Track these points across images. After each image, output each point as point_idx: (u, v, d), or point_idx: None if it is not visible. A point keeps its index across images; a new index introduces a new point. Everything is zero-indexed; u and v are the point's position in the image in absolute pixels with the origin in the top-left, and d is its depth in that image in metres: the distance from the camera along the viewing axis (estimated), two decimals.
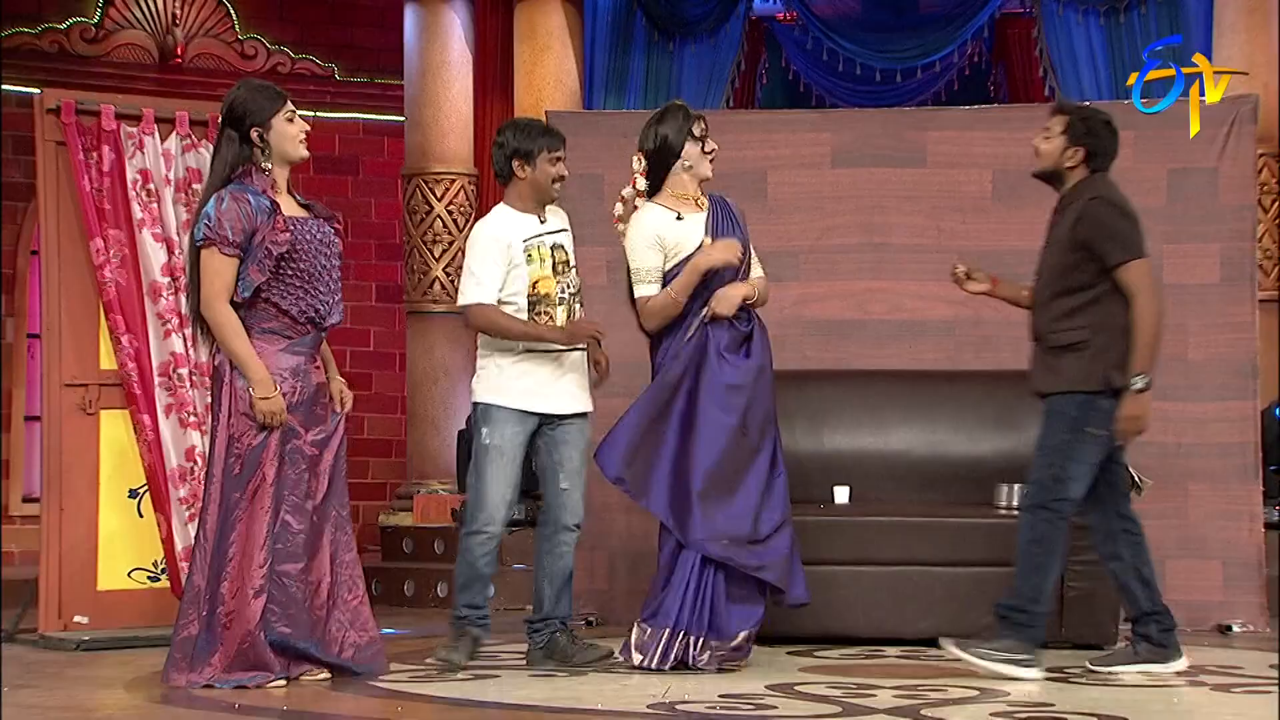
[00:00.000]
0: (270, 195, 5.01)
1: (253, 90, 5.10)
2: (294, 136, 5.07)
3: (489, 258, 5.33)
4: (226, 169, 5.03)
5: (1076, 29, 8.90)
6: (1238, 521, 6.87)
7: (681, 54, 9.37)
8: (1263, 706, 4.75)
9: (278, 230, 4.98)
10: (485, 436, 5.32)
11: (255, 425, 4.96)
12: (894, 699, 4.77)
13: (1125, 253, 5.21)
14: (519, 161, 5.38)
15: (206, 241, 4.97)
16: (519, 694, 4.89)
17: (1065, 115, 5.39)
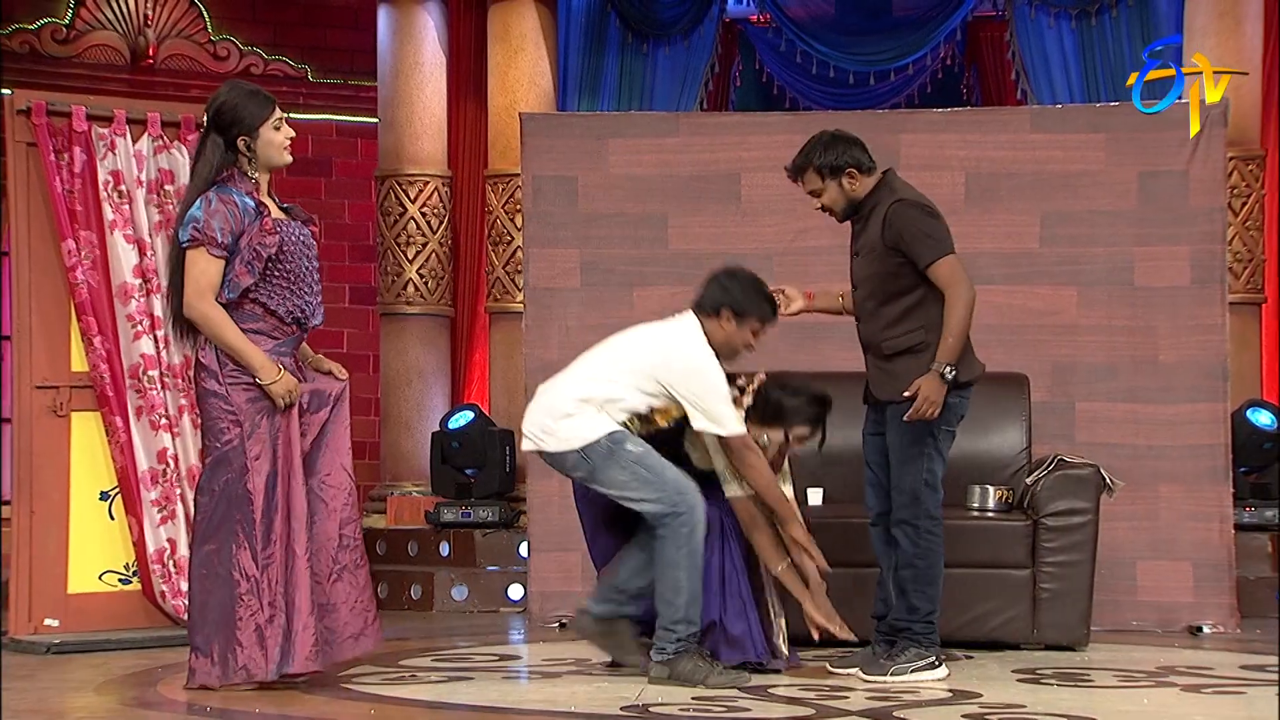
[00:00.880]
0: (256, 197, 5.02)
1: (242, 95, 5.10)
2: (280, 144, 5.08)
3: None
4: (211, 172, 5.02)
5: (1048, 32, 8.93)
6: (1208, 523, 6.90)
7: (655, 56, 9.37)
8: (1232, 707, 4.78)
9: (265, 232, 4.98)
10: (630, 446, 5.11)
11: (250, 424, 4.94)
12: (867, 701, 4.78)
13: (935, 252, 5.19)
14: (731, 312, 5.21)
15: (193, 242, 4.96)
16: (491, 696, 4.89)
17: (809, 168, 5.34)
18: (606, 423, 5.09)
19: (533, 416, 5.21)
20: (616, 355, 5.21)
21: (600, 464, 5.06)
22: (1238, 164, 8.16)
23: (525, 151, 7.30)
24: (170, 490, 6.45)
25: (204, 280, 4.95)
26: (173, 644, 6.13)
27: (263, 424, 4.98)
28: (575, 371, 5.24)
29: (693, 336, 5.18)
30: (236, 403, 4.96)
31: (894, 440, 5.29)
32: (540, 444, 5.16)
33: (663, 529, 5.04)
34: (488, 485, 8.31)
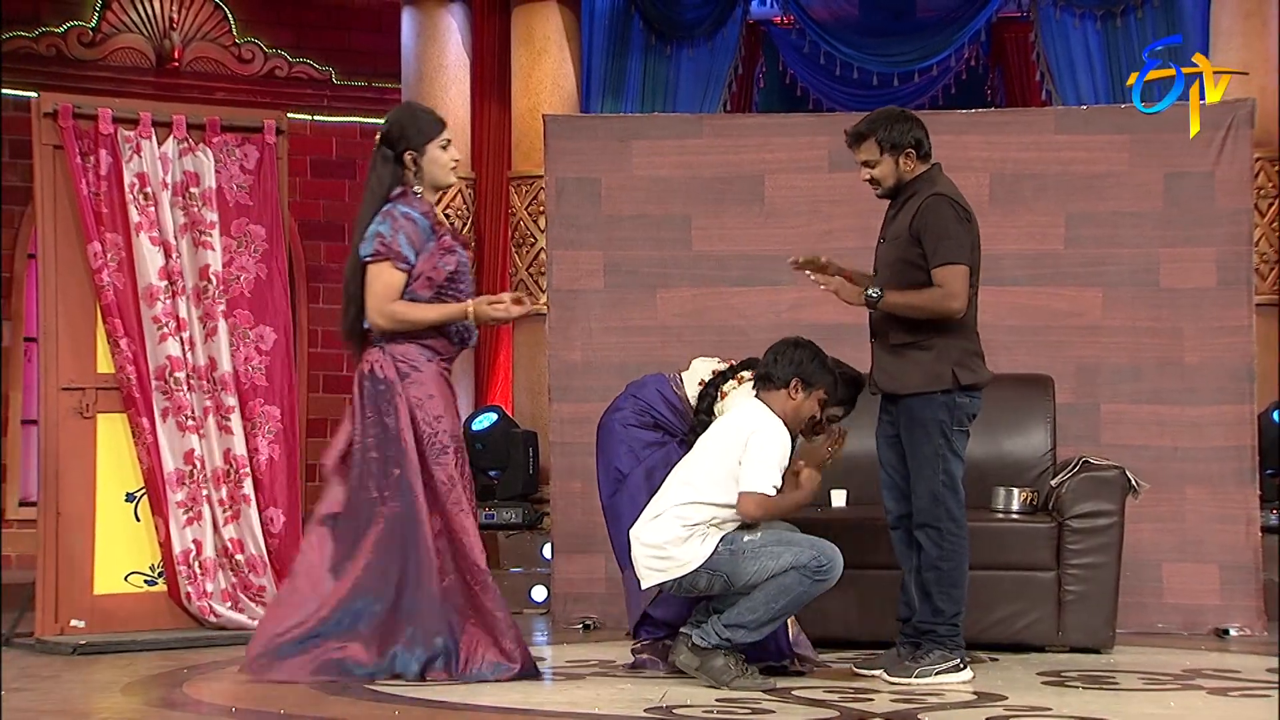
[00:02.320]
0: (431, 217, 5.17)
1: (414, 114, 5.28)
2: (446, 163, 5.22)
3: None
4: (384, 189, 5.17)
5: (1074, 33, 8.91)
6: (1234, 525, 6.87)
7: (679, 58, 9.37)
8: (1259, 710, 4.75)
9: (444, 250, 5.15)
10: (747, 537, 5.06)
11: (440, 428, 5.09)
12: (891, 704, 4.77)
13: (947, 256, 5.18)
14: (800, 383, 5.16)
15: (377, 256, 5.10)
16: (514, 698, 4.89)
17: (870, 137, 5.32)
18: (716, 535, 5.07)
19: (643, 551, 5.13)
20: (709, 465, 5.12)
21: (731, 569, 5.02)
22: (1264, 165, 8.13)
23: (549, 153, 7.31)
24: (196, 491, 6.48)
25: (387, 292, 5.09)
26: (198, 645, 6.16)
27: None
28: (674, 492, 5.14)
29: (764, 414, 5.13)
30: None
31: (907, 443, 5.29)
32: (664, 574, 5.08)
33: (798, 570, 5.00)
34: (511, 487, 8.33)
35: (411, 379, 5.12)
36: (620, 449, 5.56)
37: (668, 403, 5.57)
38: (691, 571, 5.04)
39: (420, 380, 5.13)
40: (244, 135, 6.76)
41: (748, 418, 5.13)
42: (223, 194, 6.69)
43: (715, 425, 5.24)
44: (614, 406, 5.68)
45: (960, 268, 5.20)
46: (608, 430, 5.64)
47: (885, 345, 5.33)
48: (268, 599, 6.54)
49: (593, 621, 6.95)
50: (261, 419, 6.65)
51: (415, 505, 5.10)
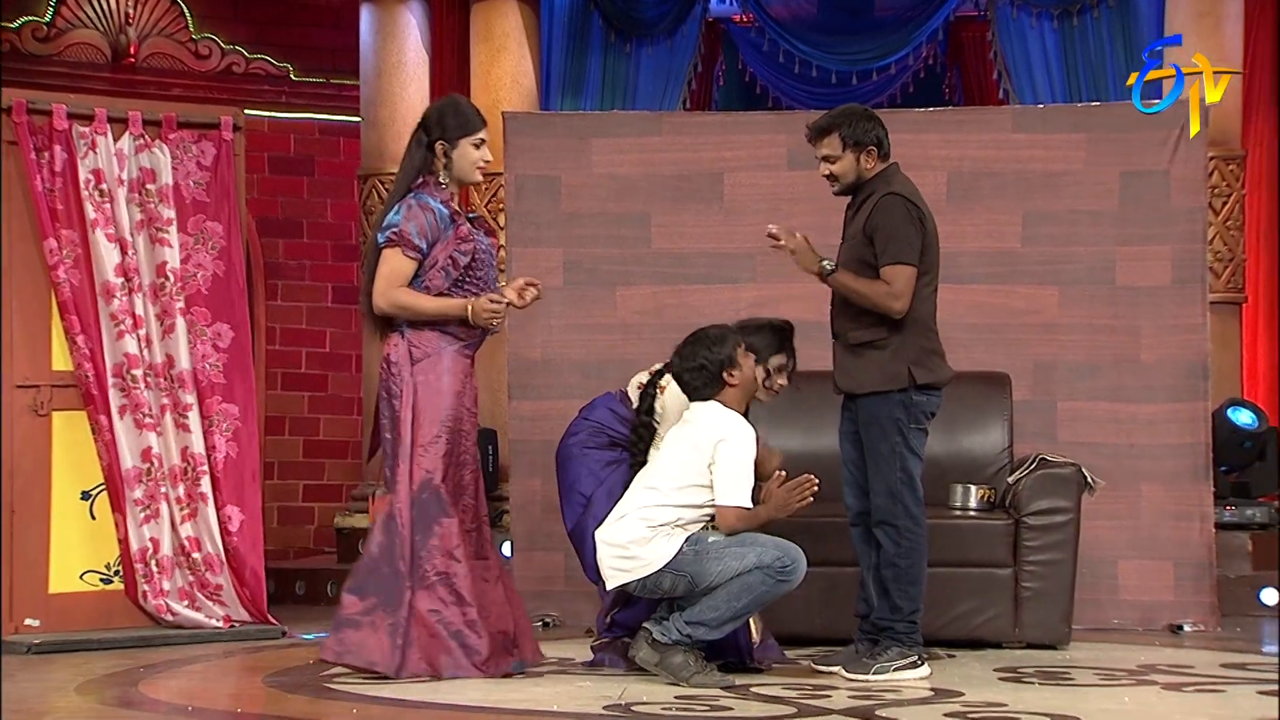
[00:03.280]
0: (450, 206, 5.22)
1: (456, 107, 5.34)
2: (474, 161, 5.28)
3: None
4: (413, 172, 5.24)
5: (1030, 32, 8.95)
6: (1189, 522, 6.92)
7: (638, 55, 9.37)
8: (1213, 705, 4.80)
9: (461, 240, 5.19)
10: (712, 538, 5.07)
11: (438, 417, 5.13)
12: (849, 700, 4.79)
13: (895, 256, 5.20)
14: (726, 367, 5.17)
15: (390, 243, 5.16)
16: (473, 696, 4.88)
17: (834, 132, 5.33)
18: (679, 537, 5.08)
19: (608, 552, 5.13)
20: (673, 469, 5.13)
21: (695, 570, 5.03)
22: (1218, 164, 8.18)
23: (508, 151, 7.30)
24: (154, 489, 6.44)
25: (394, 277, 5.16)
26: (154, 644, 6.13)
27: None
28: (638, 496, 5.16)
29: (725, 417, 5.14)
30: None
31: (866, 441, 5.32)
32: (628, 574, 5.09)
33: (760, 570, 5.01)
34: None
35: (423, 365, 5.17)
36: (580, 472, 5.57)
37: (620, 418, 5.59)
38: (656, 571, 5.05)
39: (432, 367, 5.17)
40: (201, 131, 6.73)
41: (713, 423, 5.13)
42: (179, 191, 6.65)
43: (676, 430, 5.24)
44: (569, 432, 5.70)
45: (907, 268, 5.23)
46: (566, 456, 5.66)
47: (844, 344, 5.36)
48: (224, 597, 6.51)
49: (552, 619, 6.95)
50: (219, 417, 6.62)
51: (394, 490, 5.14)
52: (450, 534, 5.13)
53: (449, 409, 5.18)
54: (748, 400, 5.23)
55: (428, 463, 5.13)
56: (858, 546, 5.45)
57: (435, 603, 5.09)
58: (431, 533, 5.11)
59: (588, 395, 5.89)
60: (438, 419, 5.15)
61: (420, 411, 5.15)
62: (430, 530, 5.11)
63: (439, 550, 5.11)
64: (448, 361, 5.19)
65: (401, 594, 5.07)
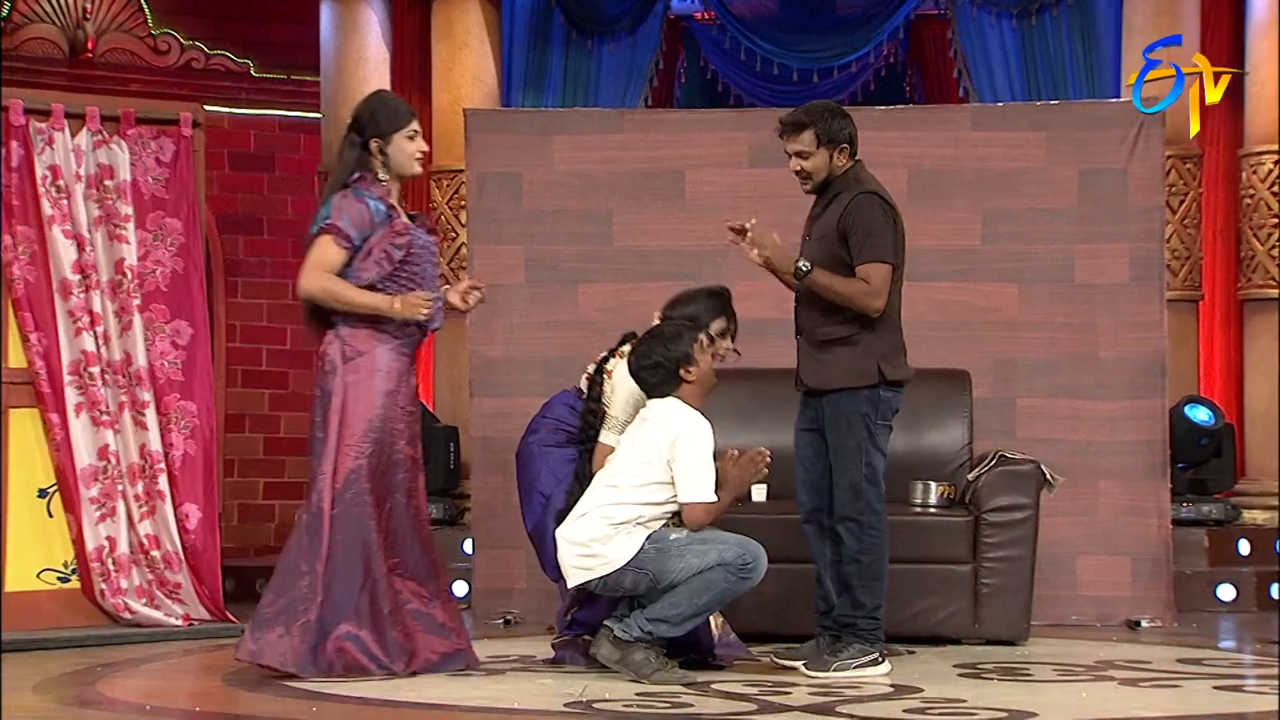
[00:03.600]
0: (387, 201, 5.19)
1: (383, 103, 5.33)
2: (411, 153, 5.25)
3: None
4: (346, 172, 5.21)
5: (990, 31, 8.99)
6: (1146, 518, 6.97)
7: (600, 53, 9.36)
8: (1169, 700, 4.83)
9: (397, 234, 5.16)
10: (674, 535, 5.07)
11: (365, 419, 5.09)
12: (810, 696, 4.80)
13: (873, 255, 5.22)
14: (682, 364, 5.17)
15: (322, 232, 5.15)
16: (434, 693, 4.88)
17: (809, 128, 5.31)
18: (640, 535, 5.08)
19: (569, 550, 5.13)
20: (632, 467, 5.13)
21: (657, 568, 5.03)
22: (1175, 163, 8.24)
23: (469, 148, 7.29)
24: (111, 487, 6.41)
25: (322, 262, 5.14)
26: (112, 642, 6.09)
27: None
28: (599, 493, 5.16)
29: (683, 414, 5.14)
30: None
31: (831, 437, 5.33)
32: (590, 572, 5.09)
33: (722, 567, 5.02)
34: (432, 482, 8.23)
35: (354, 364, 5.14)
36: (541, 472, 5.57)
37: (579, 414, 5.58)
38: (618, 569, 5.05)
39: (364, 366, 5.14)
40: (159, 128, 6.69)
41: (670, 421, 5.14)
42: (138, 187, 6.61)
43: (635, 428, 5.25)
44: (529, 429, 5.70)
45: (884, 266, 5.24)
46: (527, 455, 5.65)
47: (811, 341, 5.36)
48: (184, 595, 6.48)
49: (513, 616, 6.94)
50: (177, 414, 6.59)
51: (316, 488, 5.09)
52: (371, 538, 5.09)
53: (379, 409, 5.13)
54: (705, 396, 5.23)
55: (352, 463, 5.09)
56: (811, 544, 5.47)
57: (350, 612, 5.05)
58: (352, 535, 5.08)
59: (549, 393, 5.89)
60: (366, 419, 5.11)
61: (349, 411, 5.11)
62: (351, 533, 5.08)
63: (358, 554, 5.07)
64: (380, 361, 5.15)
65: (315, 595, 5.03)
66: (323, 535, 5.07)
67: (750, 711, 4.57)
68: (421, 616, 5.21)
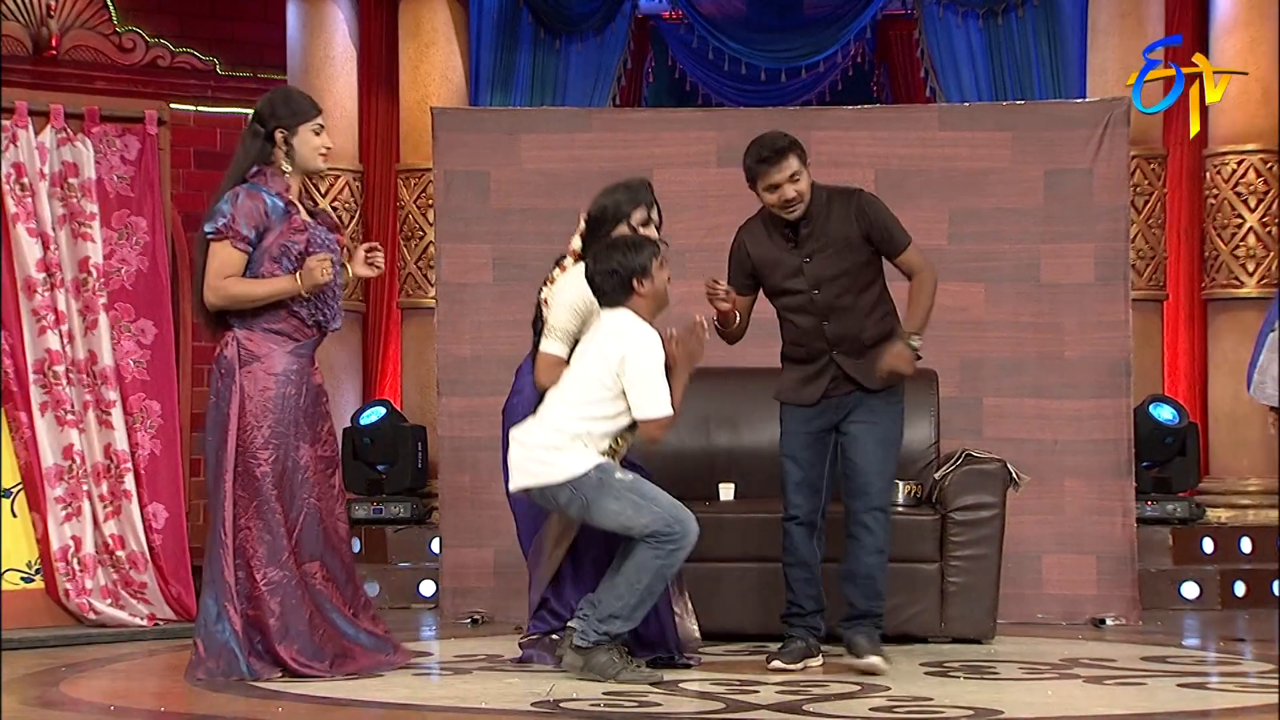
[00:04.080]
0: (285, 197, 5.13)
1: (289, 96, 5.29)
2: (316, 147, 5.21)
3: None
4: (247, 163, 5.15)
5: (956, 31, 9.02)
6: (1111, 517, 7.01)
7: (568, 52, 9.35)
8: (1133, 698, 4.86)
9: (295, 230, 5.10)
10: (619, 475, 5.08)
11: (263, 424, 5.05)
12: (777, 695, 4.81)
13: (906, 238, 5.40)
14: (638, 277, 5.17)
15: (218, 235, 5.07)
16: (401, 693, 4.87)
17: (790, 150, 5.32)
18: (592, 456, 5.08)
19: (519, 453, 5.15)
20: (582, 380, 5.15)
21: (593, 496, 5.04)
22: (1140, 163, 8.28)
23: (437, 146, 7.28)
24: (76, 487, 6.37)
25: (223, 269, 5.07)
26: (77, 643, 6.06)
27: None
28: (551, 404, 5.18)
29: (633, 328, 5.15)
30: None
31: (879, 431, 5.37)
32: (534, 478, 5.11)
33: (658, 546, 5.02)
34: (399, 481, 8.27)
35: (251, 368, 5.08)
36: None
37: None
38: (558, 483, 5.06)
39: (261, 371, 5.08)
40: (124, 126, 6.66)
41: (618, 335, 5.15)
42: (103, 185, 6.58)
43: (587, 340, 5.25)
44: (514, 389, 5.66)
45: (913, 243, 5.41)
46: (511, 413, 5.61)
47: (856, 348, 5.37)
48: (149, 595, 6.45)
49: (481, 616, 6.93)
50: (143, 413, 6.56)
51: (218, 495, 5.05)
52: (278, 542, 5.05)
53: (276, 415, 5.08)
54: (656, 312, 5.23)
55: (256, 469, 5.05)
56: (800, 546, 5.42)
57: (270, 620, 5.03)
58: (261, 540, 5.04)
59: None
60: (266, 424, 5.06)
61: (246, 419, 5.06)
62: (260, 538, 5.04)
63: (266, 559, 5.04)
64: (277, 365, 5.10)
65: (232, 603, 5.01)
66: (226, 544, 5.02)
67: (718, 710, 4.57)
68: (345, 621, 5.18)
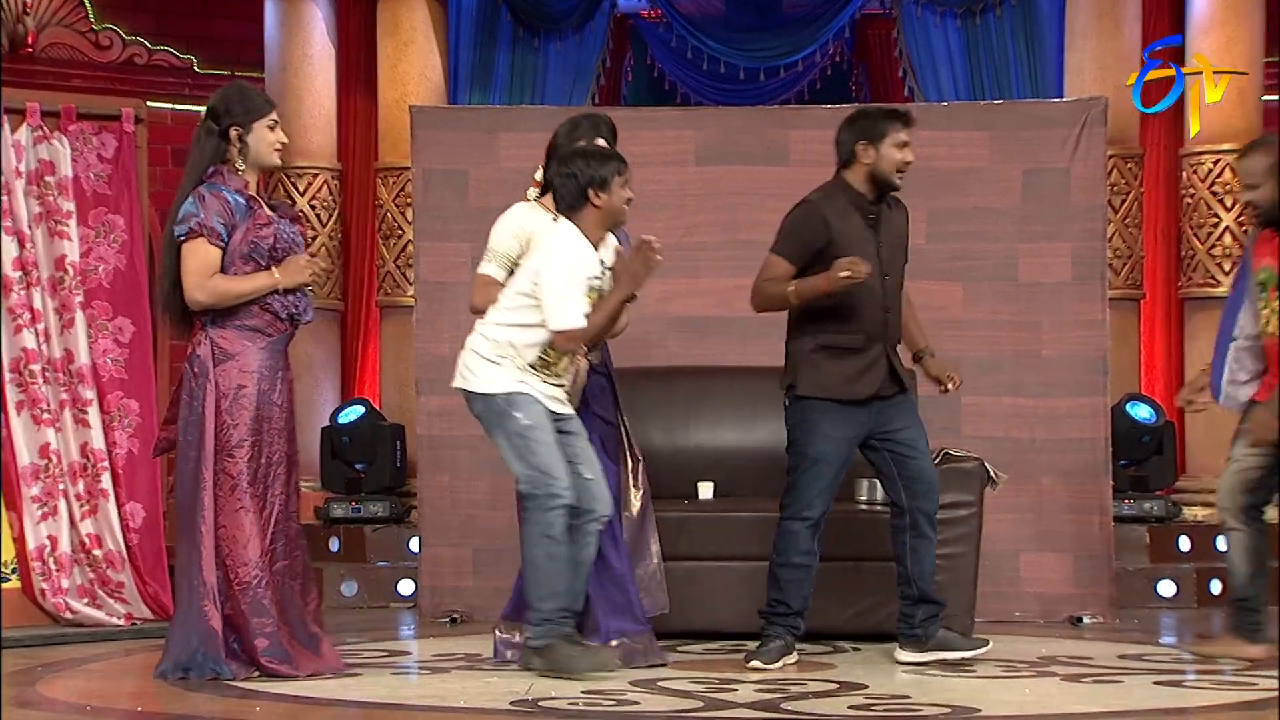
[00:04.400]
0: (246, 194, 5.12)
1: (241, 92, 5.24)
2: (271, 143, 5.18)
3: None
4: (204, 163, 5.13)
5: (935, 30, 9.04)
6: (1089, 515, 7.03)
7: (547, 50, 9.35)
8: (1110, 696, 4.88)
9: (261, 225, 5.09)
10: (522, 419, 5.10)
11: (239, 422, 5.04)
12: (755, 693, 4.81)
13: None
14: (594, 189, 5.16)
15: (192, 234, 5.05)
16: (380, 692, 4.86)
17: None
18: (510, 376, 5.10)
19: (461, 356, 5.25)
20: (509, 290, 5.21)
21: (494, 421, 5.13)
22: (1117, 162, 8.31)
23: (415, 145, 7.27)
24: (52, 486, 6.35)
25: (205, 268, 5.05)
26: (54, 642, 6.03)
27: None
28: (487, 314, 5.24)
29: (559, 239, 5.15)
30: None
31: (917, 431, 5.45)
32: (465, 382, 5.21)
33: (525, 510, 5.09)
34: (378, 480, 8.26)
35: (225, 366, 5.07)
36: None
37: None
38: (475, 393, 5.16)
39: (235, 368, 5.06)
40: (101, 123, 6.63)
41: (546, 244, 5.17)
42: (80, 183, 6.56)
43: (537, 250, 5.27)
44: None
45: None
46: None
47: (892, 348, 5.42)
48: (126, 595, 6.43)
49: (460, 615, 6.93)
50: (120, 412, 6.54)
51: (196, 495, 5.03)
52: (254, 542, 5.04)
53: (254, 411, 5.07)
54: (609, 227, 5.22)
55: (232, 468, 5.04)
56: (805, 546, 5.38)
57: (245, 619, 5.02)
58: (236, 540, 5.03)
59: None
60: (242, 422, 5.05)
61: (224, 418, 5.04)
62: (235, 538, 5.03)
63: (242, 559, 5.03)
64: (252, 362, 5.09)
65: (204, 603, 4.99)
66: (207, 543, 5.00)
67: (697, 709, 4.57)
68: (300, 622, 5.17)
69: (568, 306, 5.04)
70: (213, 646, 4.98)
